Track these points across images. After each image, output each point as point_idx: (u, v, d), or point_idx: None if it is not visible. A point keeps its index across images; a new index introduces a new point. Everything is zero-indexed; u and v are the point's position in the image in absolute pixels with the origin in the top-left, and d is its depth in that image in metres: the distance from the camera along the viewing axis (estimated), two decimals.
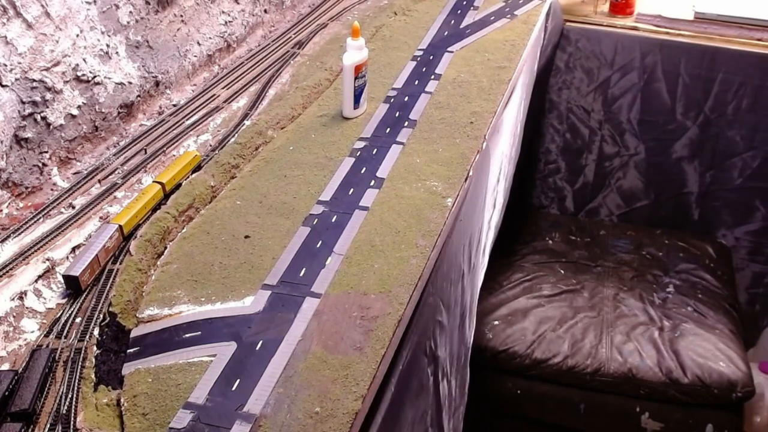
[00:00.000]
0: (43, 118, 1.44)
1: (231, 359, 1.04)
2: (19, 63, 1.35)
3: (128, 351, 1.08)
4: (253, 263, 1.23)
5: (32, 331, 1.13)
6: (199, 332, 1.09)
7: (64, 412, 0.99)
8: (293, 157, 1.52)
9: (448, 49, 1.99)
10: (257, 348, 1.06)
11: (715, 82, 2.52)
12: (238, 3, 2.06)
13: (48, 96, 1.43)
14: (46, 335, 1.12)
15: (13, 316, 1.15)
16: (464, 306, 1.71)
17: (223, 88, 1.84)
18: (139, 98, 1.71)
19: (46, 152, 1.47)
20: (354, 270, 1.21)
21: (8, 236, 1.30)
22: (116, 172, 1.51)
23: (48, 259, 1.25)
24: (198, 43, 1.91)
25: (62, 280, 1.20)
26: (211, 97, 1.80)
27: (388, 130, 1.61)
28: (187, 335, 1.09)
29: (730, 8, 2.52)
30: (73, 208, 1.40)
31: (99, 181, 1.48)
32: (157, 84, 1.78)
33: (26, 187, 1.44)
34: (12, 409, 0.97)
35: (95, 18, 1.53)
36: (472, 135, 1.59)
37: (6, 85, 1.34)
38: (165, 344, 1.08)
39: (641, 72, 2.59)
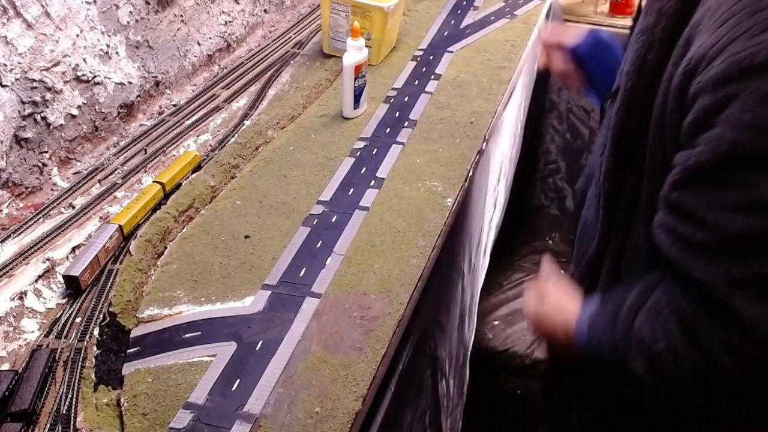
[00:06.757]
0: (43, 118, 1.44)
1: (231, 359, 1.04)
2: (19, 63, 1.35)
3: (128, 351, 1.08)
4: (253, 263, 1.23)
5: (32, 331, 1.13)
6: (199, 332, 1.09)
7: (64, 412, 0.99)
8: (293, 157, 1.52)
9: (448, 49, 1.99)
10: (257, 348, 1.06)
11: None
12: (238, 3, 2.06)
13: (48, 96, 1.43)
14: (46, 335, 1.12)
15: (13, 316, 1.15)
16: (464, 306, 1.71)
17: (223, 88, 1.84)
18: (139, 98, 1.71)
19: (46, 152, 1.47)
20: (354, 270, 1.21)
21: (8, 236, 1.30)
22: (116, 172, 1.51)
23: (48, 259, 1.25)
24: (198, 43, 1.91)
25: (62, 280, 1.20)
26: (211, 97, 1.80)
27: (388, 130, 1.61)
28: (187, 335, 1.09)
29: None
30: (73, 208, 1.39)
31: (99, 181, 1.48)
32: (157, 84, 1.78)
33: (26, 187, 1.44)
34: (12, 409, 0.97)
35: (95, 18, 1.53)
36: (472, 135, 1.59)
37: (6, 85, 1.34)
38: (165, 344, 1.08)
39: None
